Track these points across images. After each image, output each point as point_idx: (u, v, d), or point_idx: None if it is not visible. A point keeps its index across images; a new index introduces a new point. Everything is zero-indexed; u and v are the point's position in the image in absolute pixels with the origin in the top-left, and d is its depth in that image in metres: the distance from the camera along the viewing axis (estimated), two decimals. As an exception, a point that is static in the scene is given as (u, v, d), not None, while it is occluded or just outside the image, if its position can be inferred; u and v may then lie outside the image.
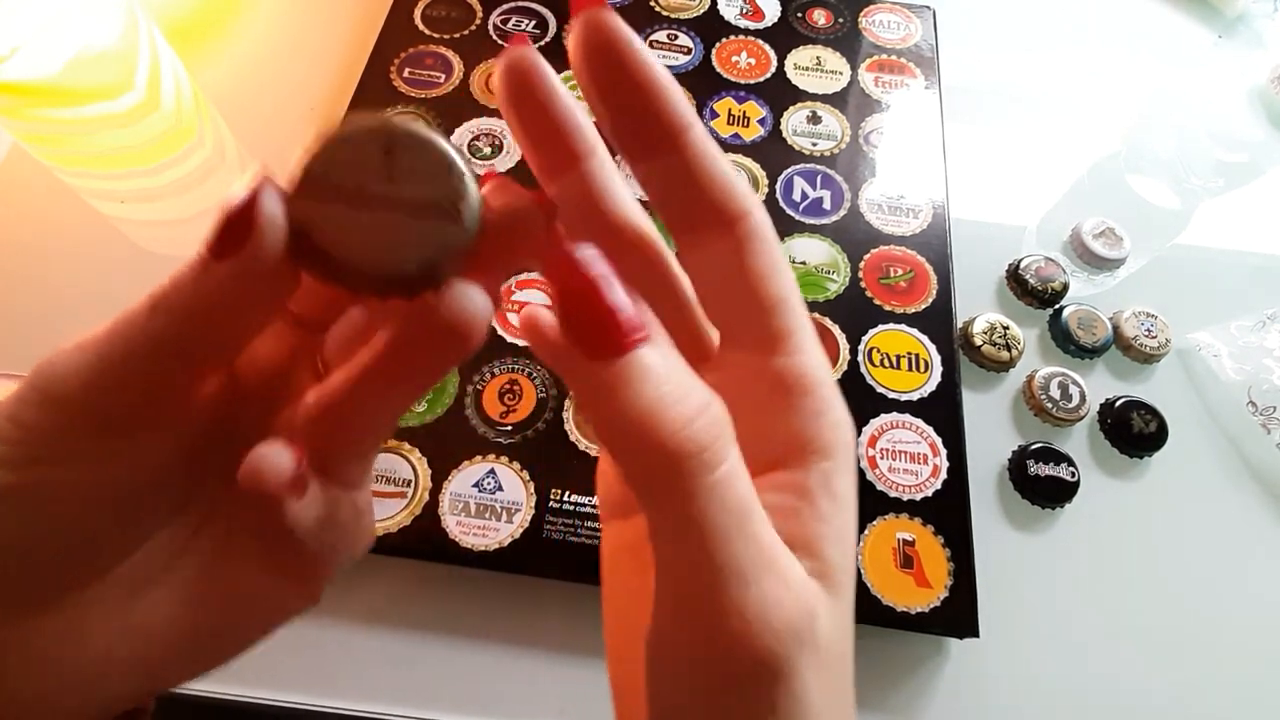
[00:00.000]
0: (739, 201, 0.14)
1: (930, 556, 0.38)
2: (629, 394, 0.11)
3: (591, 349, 0.11)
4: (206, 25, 0.56)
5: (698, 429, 0.11)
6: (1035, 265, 0.48)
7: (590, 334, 0.11)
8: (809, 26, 0.58)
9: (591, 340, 0.11)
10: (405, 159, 0.13)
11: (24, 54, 0.42)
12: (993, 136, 0.56)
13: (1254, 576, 0.41)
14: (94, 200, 0.48)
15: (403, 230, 0.13)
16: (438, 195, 0.13)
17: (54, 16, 0.42)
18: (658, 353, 0.12)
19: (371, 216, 0.13)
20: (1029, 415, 0.44)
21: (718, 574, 0.11)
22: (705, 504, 0.11)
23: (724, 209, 0.14)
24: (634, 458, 0.12)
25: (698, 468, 0.11)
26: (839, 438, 0.15)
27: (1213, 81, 0.60)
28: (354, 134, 0.13)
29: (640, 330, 0.12)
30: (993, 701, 0.37)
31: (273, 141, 0.51)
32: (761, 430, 0.14)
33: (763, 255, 0.14)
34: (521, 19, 0.56)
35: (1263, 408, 0.44)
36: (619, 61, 0.14)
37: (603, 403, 0.11)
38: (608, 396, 0.11)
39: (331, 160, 0.13)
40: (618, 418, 0.11)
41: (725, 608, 0.11)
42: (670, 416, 0.11)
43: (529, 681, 0.36)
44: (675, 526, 0.12)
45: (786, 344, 0.15)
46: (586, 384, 0.12)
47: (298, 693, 0.35)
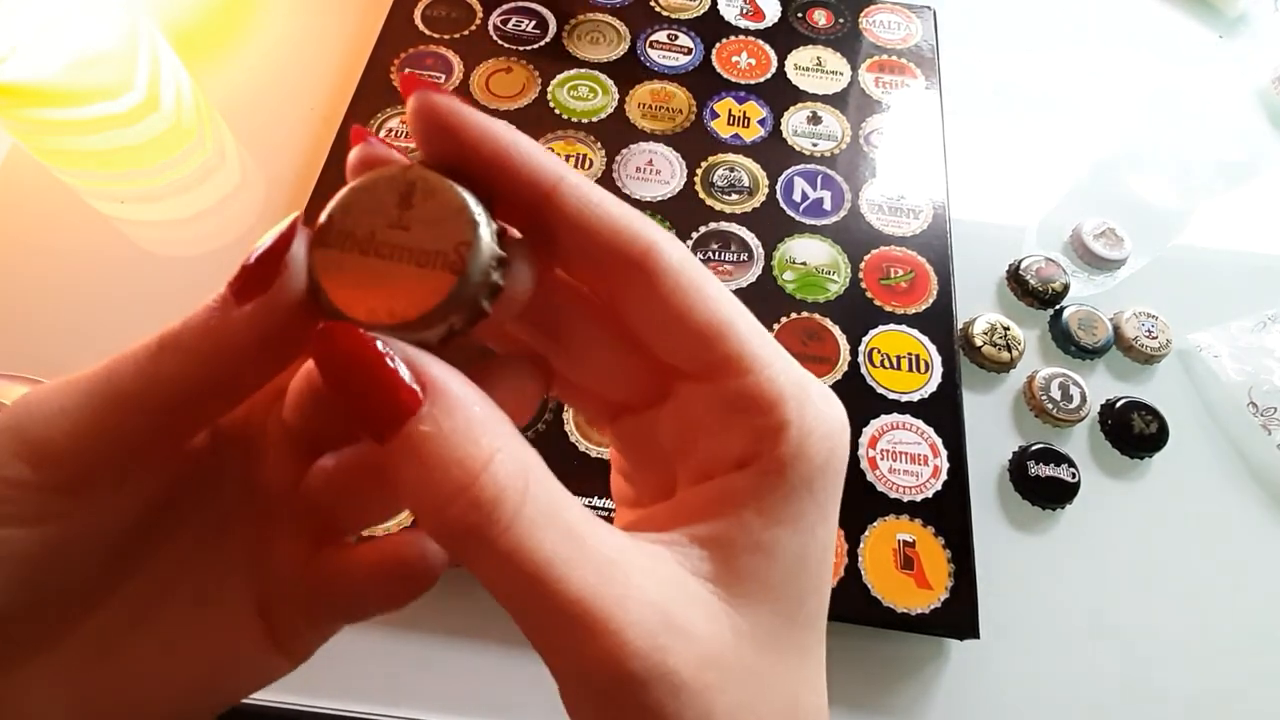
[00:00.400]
0: (637, 239, 0.13)
1: (930, 558, 0.38)
2: (403, 479, 0.11)
3: (368, 430, 0.11)
4: (207, 26, 0.56)
5: (467, 508, 0.11)
6: (1036, 266, 0.48)
7: (362, 419, 0.11)
8: (809, 27, 0.58)
9: (364, 424, 0.11)
10: (421, 207, 0.13)
11: (24, 54, 0.42)
12: (993, 136, 0.56)
13: (1254, 577, 0.41)
14: (94, 200, 0.48)
15: (406, 280, 0.13)
16: (445, 244, 0.13)
17: (54, 17, 0.42)
18: (421, 430, 0.11)
19: (380, 265, 0.13)
20: (1029, 416, 0.44)
21: (541, 617, 0.12)
22: (502, 572, 0.11)
23: (624, 251, 0.13)
24: (431, 533, 0.12)
25: (477, 541, 0.11)
26: (802, 451, 0.14)
27: (1213, 81, 0.60)
28: (377, 181, 0.13)
29: (407, 414, 0.11)
30: (993, 703, 0.37)
31: (273, 142, 0.51)
32: (712, 449, 0.14)
33: (680, 288, 0.14)
34: (521, 19, 0.56)
35: (1263, 408, 0.44)
36: (459, 142, 0.13)
37: (397, 482, 0.11)
38: (395, 476, 0.11)
39: (350, 207, 0.13)
40: (407, 500, 0.11)
41: (558, 635, 0.12)
42: (441, 501, 0.11)
43: (529, 681, 0.36)
44: (493, 587, 0.12)
45: (737, 366, 0.14)
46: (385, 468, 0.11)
47: (297, 693, 0.35)
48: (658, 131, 0.52)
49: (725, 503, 0.14)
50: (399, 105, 0.51)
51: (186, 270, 0.46)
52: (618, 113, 0.52)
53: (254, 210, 0.48)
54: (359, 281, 0.13)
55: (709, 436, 0.14)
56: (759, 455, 0.14)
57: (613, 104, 0.53)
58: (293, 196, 0.48)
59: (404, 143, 0.50)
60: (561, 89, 0.53)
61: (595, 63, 0.55)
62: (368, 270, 0.13)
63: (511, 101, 0.52)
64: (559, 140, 0.51)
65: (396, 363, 0.11)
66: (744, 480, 0.14)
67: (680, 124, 0.52)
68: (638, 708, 0.11)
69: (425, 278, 0.13)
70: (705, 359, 0.14)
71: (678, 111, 0.53)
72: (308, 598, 0.16)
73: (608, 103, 0.53)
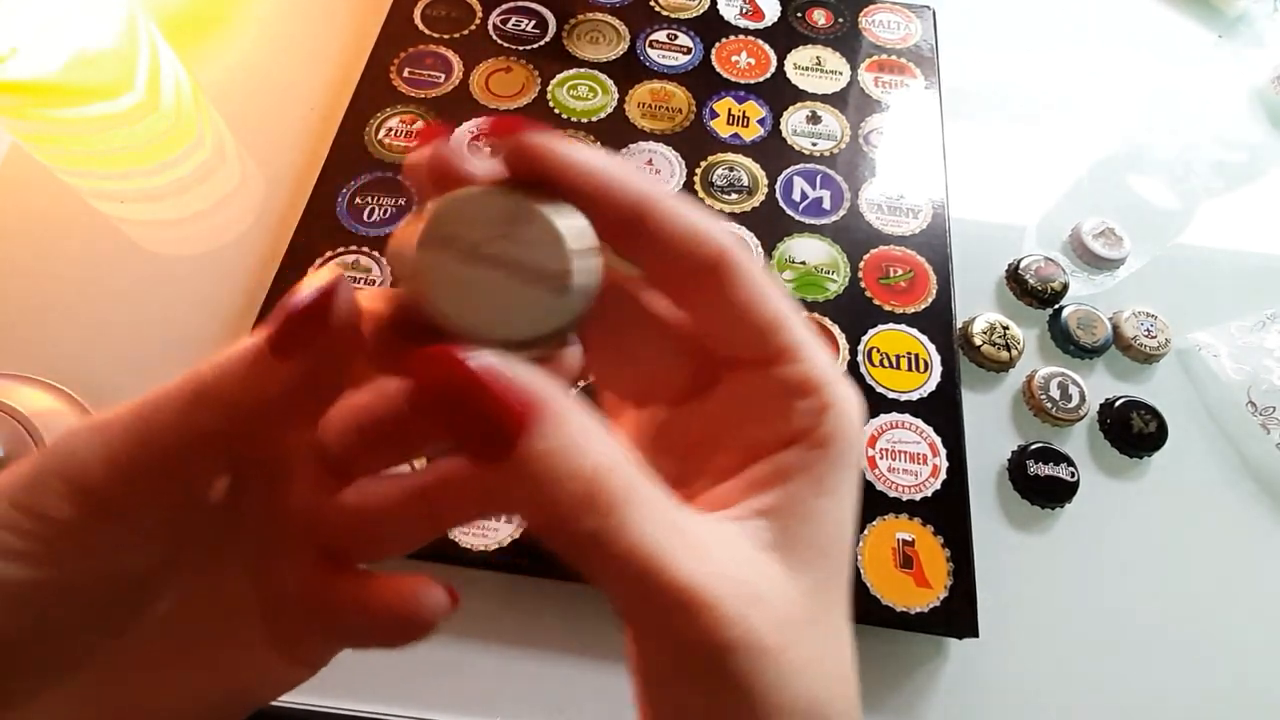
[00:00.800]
0: (713, 245, 0.15)
1: (930, 557, 0.38)
2: (523, 495, 0.11)
3: (476, 455, 0.11)
4: (206, 24, 0.56)
5: (589, 513, 0.12)
6: (1035, 265, 0.48)
7: (472, 442, 0.11)
8: (809, 26, 0.58)
9: (474, 448, 0.11)
10: (527, 224, 0.13)
11: (24, 54, 0.42)
12: (993, 136, 0.56)
13: (1253, 576, 0.41)
14: (94, 200, 0.48)
15: (507, 294, 0.13)
16: (555, 265, 0.13)
17: (54, 16, 0.42)
18: (537, 446, 0.11)
19: (482, 275, 0.13)
20: (1029, 415, 0.44)
21: (648, 602, 0.12)
22: (616, 566, 0.12)
23: (701, 256, 0.15)
24: (549, 540, 0.12)
25: (599, 543, 0.12)
26: (837, 431, 0.15)
27: (1213, 81, 0.60)
28: (483, 193, 0.13)
29: (522, 431, 0.11)
30: (992, 702, 0.37)
31: (273, 142, 0.51)
32: (766, 427, 0.16)
33: (746, 287, 0.15)
34: (521, 19, 0.56)
35: (1262, 408, 0.44)
36: (561, 180, 0.14)
37: (502, 498, 0.12)
38: (506, 493, 0.12)
39: (455, 214, 0.13)
40: (521, 511, 0.12)
41: (663, 615, 0.12)
42: (565, 514, 0.12)
43: (529, 681, 0.36)
44: (603, 582, 0.12)
45: (791, 354, 0.16)
46: (486, 485, 0.12)
47: (297, 693, 0.35)
48: (657, 131, 0.52)
49: (778, 477, 0.15)
50: (398, 105, 0.51)
51: (186, 270, 0.46)
52: (617, 112, 0.52)
53: (254, 210, 0.49)
54: (464, 293, 0.13)
55: (759, 418, 0.16)
56: (807, 433, 0.15)
57: (612, 103, 0.53)
58: (293, 196, 0.48)
59: (403, 142, 0.50)
60: (561, 88, 0.53)
61: (595, 62, 0.55)
62: (473, 282, 0.13)
63: (511, 101, 0.52)
64: (559, 140, 0.51)
65: (508, 382, 0.11)
66: (794, 456, 0.15)
67: (680, 123, 0.52)
68: (727, 674, 0.12)
69: (535, 298, 0.13)
70: (764, 348, 0.16)
71: (677, 111, 0.53)
72: (320, 620, 0.16)
73: (607, 102, 0.53)
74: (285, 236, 0.45)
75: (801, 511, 0.15)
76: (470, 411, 0.11)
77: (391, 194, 0.48)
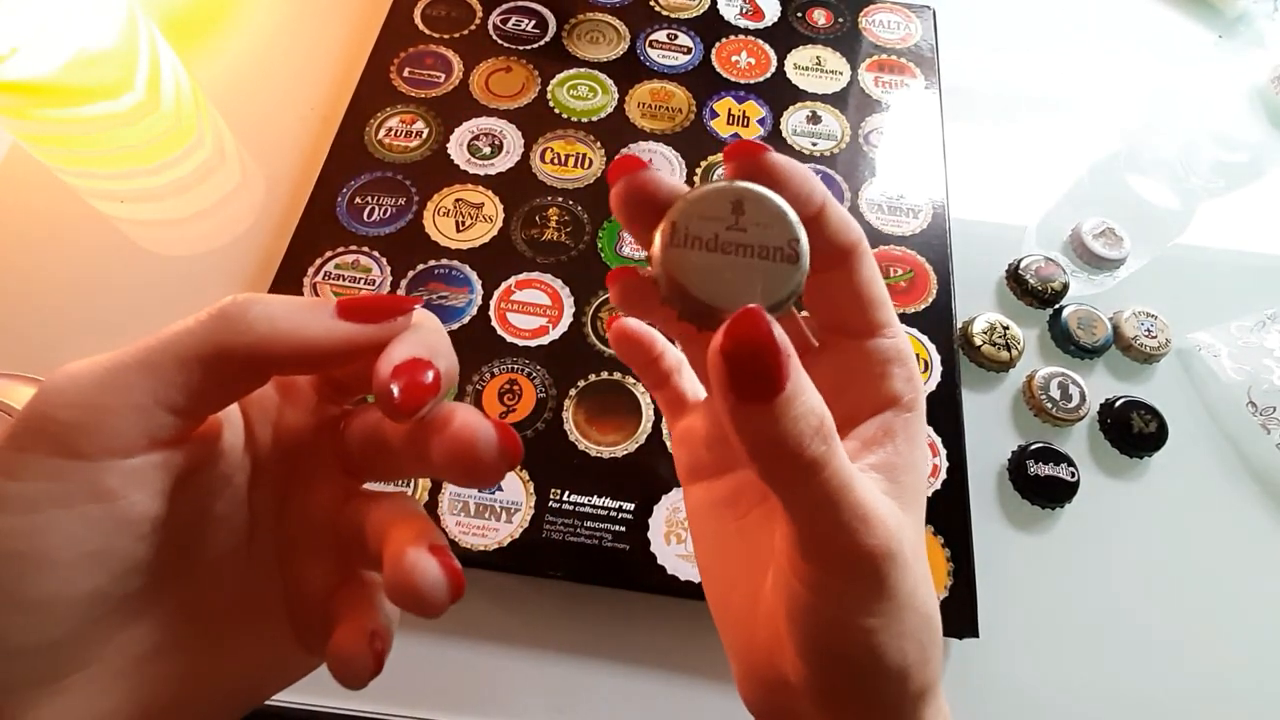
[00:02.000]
0: (853, 236, 0.18)
1: (930, 557, 0.38)
2: (775, 427, 0.14)
3: (750, 396, 0.14)
4: (206, 24, 0.56)
5: (818, 440, 0.15)
6: (1035, 265, 0.48)
7: (752, 385, 0.14)
8: (809, 26, 0.58)
9: (752, 390, 0.14)
10: (750, 213, 0.16)
11: (24, 53, 0.42)
12: (993, 136, 0.56)
13: (1253, 576, 0.41)
14: (94, 200, 0.48)
15: (753, 271, 0.16)
16: (780, 241, 0.16)
17: (54, 16, 0.42)
18: (794, 388, 0.15)
19: (726, 260, 0.16)
20: (1029, 415, 0.44)
21: (838, 516, 0.16)
22: (824, 486, 0.15)
23: (844, 244, 0.18)
24: (771, 464, 0.15)
25: (819, 466, 0.15)
26: (919, 395, 0.20)
27: (1213, 81, 0.60)
28: (707, 195, 0.16)
29: (787, 377, 0.14)
30: (993, 702, 0.37)
31: (273, 141, 0.51)
32: (868, 390, 0.19)
33: (868, 269, 0.19)
34: (522, 19, 0.56)
35: (1262, 408, 0.44)
36: (779, 185, 0.17)
37: (752, 432, 0.15)
38: (759, 427, 0.14)
39: (691, 217, 0.16)
40: (766, 442, 0.15)
41: (846, 530, 0.16)
42: (805, 440, 0.15)
43: (528, 681, 0.36)
44: (806, 499, 0.16)
45: (886, 330, 0.19)
46: (743, 420, 0.15)
47: (297, 693, 0.35)
48: (657, 131, 0.52)
49: (885, 436, 0.19)
50: (398, 105, 0.51)
51: (186, 270, 0.46)
52: (617, 112, 0.52)
53: (254, 210, 0.49)
54: (716, 277, 0.16)
55: (863, 384, 0.19)
56: (900, 397, 0.19)
57: (612, 103, 0.53)
58: (293, 196, 0.48)
59: (403, 141, 0.50)
60: (561, 88, 0.53)
61: (595, 62, 0.55)
62: (720, 265, 0.16)
63: (511, 101, 0.52)
64: (559, 140, 0.51)
65: (780, 340, 0.14)
66: (894, 418, 0.19)
67: (680, 123, 0.52)
68: (882, 575, 0.16)
69: (774, 269, 0.16)
70: (869, 322, 0.19)
71: (677, 111, 0.53)
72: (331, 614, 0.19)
73: (607, 102, 0.53)
74: (285, 236, 0.45)
75: (905, 464, 0.19)
76: (756, 361, 0.14)
77: (391, 194, 0.48)
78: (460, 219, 0.47)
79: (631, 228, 0.18)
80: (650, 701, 0.36)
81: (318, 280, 0.44)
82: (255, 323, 0.16)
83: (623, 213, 0.17)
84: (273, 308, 0.16)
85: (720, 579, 0.21)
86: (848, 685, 0.18)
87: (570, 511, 0.38)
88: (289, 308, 0.16)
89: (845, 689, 0.18)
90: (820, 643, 0.17)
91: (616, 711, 0.36)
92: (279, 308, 0.16)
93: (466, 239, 0.46)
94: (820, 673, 0.18)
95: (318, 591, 0.19)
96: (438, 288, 0.45)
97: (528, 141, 0.51)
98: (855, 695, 0.18)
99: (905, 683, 0.18)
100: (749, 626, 0.20)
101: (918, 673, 0.18)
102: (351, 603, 0.18)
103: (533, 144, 0.50)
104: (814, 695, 0.18)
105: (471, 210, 0.48)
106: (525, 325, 0.44)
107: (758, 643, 0.19)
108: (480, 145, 0.50)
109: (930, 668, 0.19)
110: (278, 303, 0.16)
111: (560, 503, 0.38)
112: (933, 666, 0.19)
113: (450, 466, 0.17)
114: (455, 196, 0.48)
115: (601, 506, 0.39)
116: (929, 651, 0.18)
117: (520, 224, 0.47)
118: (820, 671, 0.18)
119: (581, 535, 0.38)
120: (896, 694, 0.18)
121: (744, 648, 0.20)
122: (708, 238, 0.16)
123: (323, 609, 0.19)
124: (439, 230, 0.47)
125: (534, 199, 0.48)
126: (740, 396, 0.14)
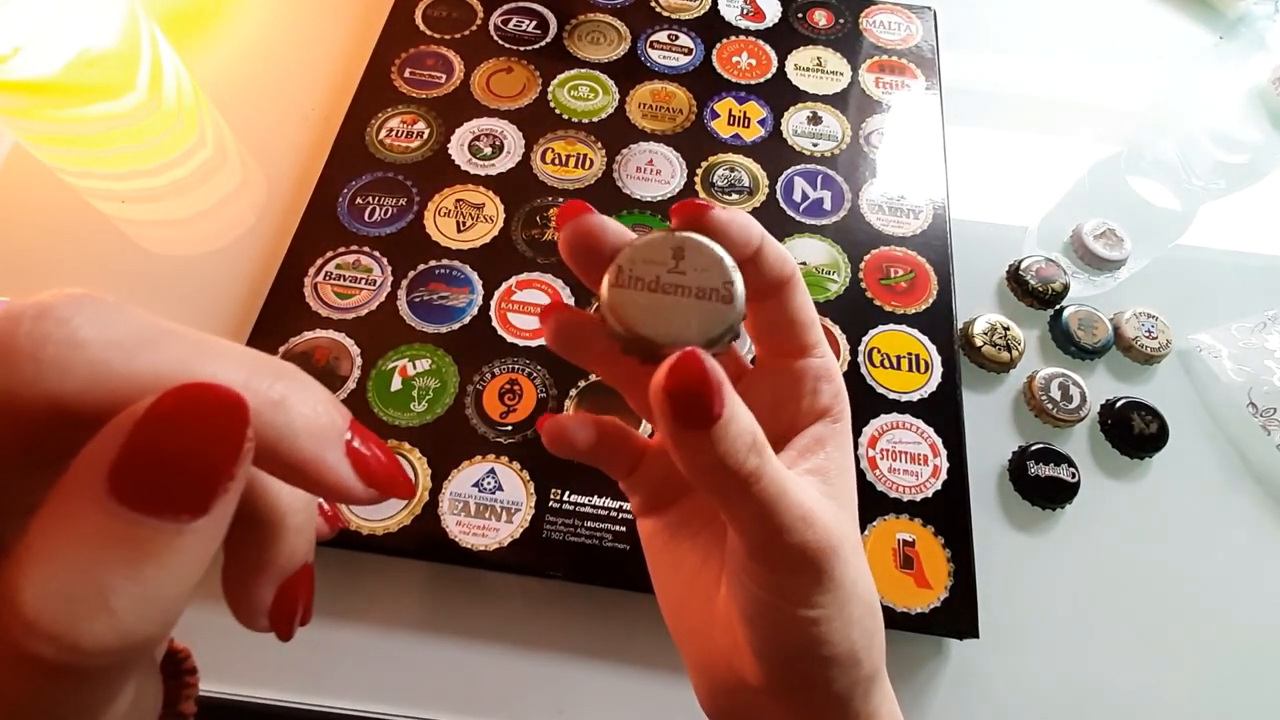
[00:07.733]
0: (788, 269, 0.20)
1: (930, 557, 0.38)
2: (715, 449, 0.16)
3: (691, 424, 0.16)
4: (207, 24, 0.56)
5: (752, 455, 0.16)
6: (1036, 266, 0.48)
7: (692, 415, 0.16)
8: (809, 27, 0.58)
9: (692, 419, 0.16)
10: (690, 258, 0.18)
11: (26, 54, 0.42)
12: (993, 137, 0.56)
13: (1254, 576, 0.41)
14: (95, 200, 0.48)
15: (691, 310, 0.18)
16: (716, 283, 0.18)
17: (56, 16, 0.42)
18: (728, 414, 0.16)
19: (667, 300, 0.18)
20: (1029, 416, 0.44)
21: (780, 519, 0.17)
22: (762, 494, 0.17)
23: (780, 274, 0.20)
24: (713, 481, 0.17)
25: (756, 477, 0.17)
26: (845, 407, 0.22)
27: (1214, 82, 0.60)
28: (651, 241, 0.18)
29: (723, 406, 0.16)
30: (993, 702, 0.37)
31: (273, 142, 0.51)
32: (801, 404, 0.21)
33: (800, 296, 0.21)
34: (522, 19, 0.56)
35: (1263, 409, 0.44)
36: (719, 235, 0.19)
37: (693, 455, 0.16)
38: (700, 449, 0.16)
39: (635, 261, 0.18)
40: (707, 463, 0.16)
41: (789, 530, 0.17)
42: (740, 457, 0.16)
43: (528, 681, 0.36)
44: (748, 507, 0.17)
45: (815, 349, 0.22)
46: (685, 445, 0.16)
47: (298, 693, 0.35)
48: (658, 131, 0.52)
49: (818, 444, 0.21)
50: (398, 106, 0.51)
51: (187, 270, 0.46)
52: (618, 113, 0.52)
53: (255, 210, 0.49)
54: (657, 315, 0.18)
55: (797, 399, 0.21)
56: (830, 409, 0.21)
57: (613, 104, 0.53)
58: (294, 196, 0.49)
59: (404, 142, 0.50)
60: (562, 89, 0.53)
61: (596, 63, 0.55)
62: (660, 304, 0.18)
63: (512, 101, 0.52)
64: (559, 140, 0.51)
65: (714, 373, 0.16)
66: (825, 429, 0.21)
67: (680, 124, 0.52)
68: (826, 568, 0.18)
69: (710, 308, 0.18)
70: (803, 343, 0.21)
71: (678, 111, 0.53)
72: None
73: (608, 103, 0.53)
74: (286, 237, 0.45)
75: (837, 468, 0.20)
76: (694, 394, 0.16)
77: (392, 194, 0.48)
78: (461, 219, 0.47)
79: (577, 269, 0.19)
80: (650, 701, 0.36)
81: (318, 280, 0.44)
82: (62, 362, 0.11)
83: (569, 256, 0.19)
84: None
85: (676, 599, 0.23)
86: (803, 675, 0.19)
87: (570, 511, 0.38)
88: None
89: (801, 679, 0.19)
90: (775, 638, 0.19)
91: (616, 711, 0.36)
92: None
93: (467, 239, 0.46)
94: (777, 667, 0.19)
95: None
96: (438, 288, 0.45)
97: (528, 142, 0.51)
98: (810, 684, 0.19)
99: (856, 668, 0.19)
100: (706, 637, 0.21)
101: (866, 657, 0.19)
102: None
103: (533, 144, 0.50)
104: (773, 690, 0.19)
105: (472, 210, 0.48)
106: (526, 325, 0.44)
107: (716, 650, 0.21)
108: (481, 146, 0.50)
109: (875, 652, 0.20)
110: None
111: (560, 503, 0.38)
112: (878, 651, 0.20)
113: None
114: (456, 197, 0.48)
115: (601, 506, 0.39)
116: (874, 638, 0.20)
117: (521, 224, 0.47)
118: (776, 666, 0.19)
119: (581, 535, 0.38)
120: (849, 679, 0.19)
121: (703, 657, 0.21)
122: (650, 279, 0.18)
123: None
124: (440, 230, 0.47)
125: (535, 199, 0.48)
126: (682, 425, 0.16)
